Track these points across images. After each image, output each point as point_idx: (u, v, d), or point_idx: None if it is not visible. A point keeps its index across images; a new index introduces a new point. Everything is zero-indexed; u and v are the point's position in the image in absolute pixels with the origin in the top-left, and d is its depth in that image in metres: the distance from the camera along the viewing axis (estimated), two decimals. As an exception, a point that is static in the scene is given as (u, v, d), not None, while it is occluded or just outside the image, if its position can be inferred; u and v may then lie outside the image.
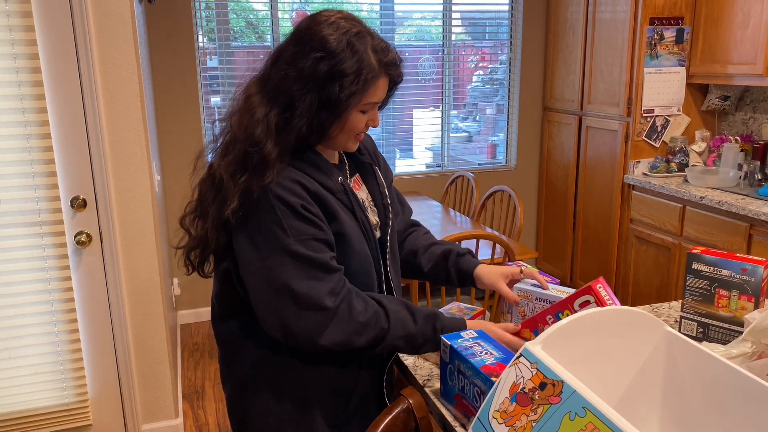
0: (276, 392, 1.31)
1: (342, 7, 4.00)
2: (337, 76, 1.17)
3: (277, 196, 1.16)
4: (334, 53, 1.17)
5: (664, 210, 3.32)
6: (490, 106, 4.50)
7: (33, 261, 2.31)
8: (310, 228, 1.18)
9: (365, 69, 1.18)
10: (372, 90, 1.21)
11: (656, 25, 3.39)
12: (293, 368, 1.29)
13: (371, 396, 1.38)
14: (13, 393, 2.38)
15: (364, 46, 1.19)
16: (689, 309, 1.50)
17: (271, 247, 1.17)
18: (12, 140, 2.20)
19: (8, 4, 2.11)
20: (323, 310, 1.17)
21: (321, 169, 1.26)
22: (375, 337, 1.21)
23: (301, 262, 1.16)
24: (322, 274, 1.18)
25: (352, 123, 1.24)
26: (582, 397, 0.80)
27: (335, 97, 1.18)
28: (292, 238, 1.16)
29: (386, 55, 1.22)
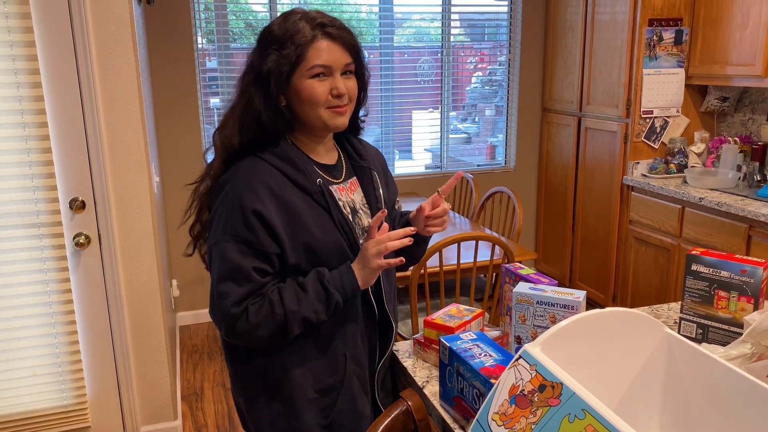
0: (266, 389, 1.33)
1: (341, 9, 4.01)
2: (271, 48, 1.23)
3: (237, 193, 1.23)
4: (267, 33, 1.26)
5: (663, 211, 3.32)
6: (489, 108, 4.50)
7: (32, 263, 2.30)
8: (249, 234, 1.21)
9: (296, 34, 1.22)
10: (311, 53, 1.23)
11: (655, 26, 3.39)
12: (281, 366, 1.32)
13: (361, 396, 1.38)
14: (12, 395, 2.38)
15: (295, 18, 1.25)
16: (688, 310, 1.50)
17: (216, 234, 1.25)
18: (11, 142, 2.20)
19: (7, 5, 2.11)
20: (229, 315, 1.22)
21: (297, 166, 1.28)
22: (279, 327, 1.23)
23: (225, 262, 1.22)
24: (240, 279, 1.22)
25: (305, 91, 1.25)
26: (581, 399, 0.79)
27: (273, 68, 1.23)
28: (228, 236, 1.22)
29: (321, 19, 1.25)
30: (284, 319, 1.22)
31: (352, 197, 1.37)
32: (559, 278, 4.29)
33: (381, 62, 4.14)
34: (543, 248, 4.52)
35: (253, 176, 1.24)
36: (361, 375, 1.38)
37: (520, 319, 1.34)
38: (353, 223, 1.35)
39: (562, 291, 1.31)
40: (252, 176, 1.24)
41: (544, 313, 1.31)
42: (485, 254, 2.68)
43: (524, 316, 1.33)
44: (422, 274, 2.44)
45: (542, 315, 1.31)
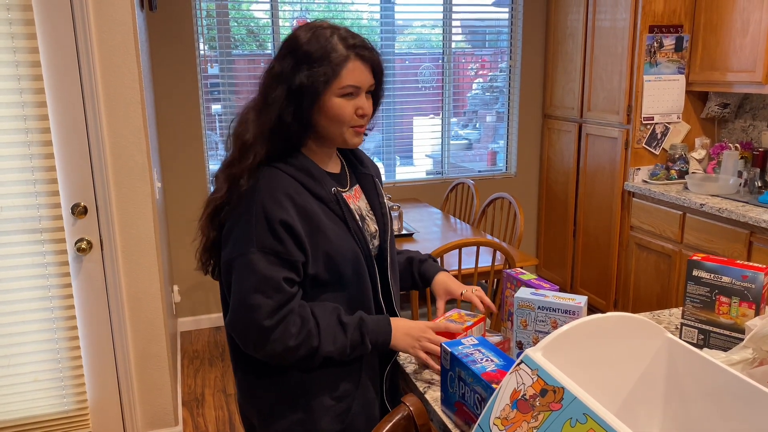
0: (283, 400, 1.33)
1: (342, 15, 4.03)
2: (304, 63, 1.24)
3: (261, 204, 1.22)
4: (299, 46, 1.25)
5: (664, 217, 3.32)
6: (490, 114, 4.51)
7: (33, 268, 2.31)
8: (277, 245, 1.22)
9: (332, 52, 1.24)
10: (344, 73, 1.25)
11: (656, 32, 3.40)
12: (299, 376, 1.32)
13: (374, 400, 1.40)
14: (13, 400, 2.38)
15: (328, 35, 1.26)
16: (690, 316, 1.50)
17: (239, 247, 1.23)
18: (13, 147, 2.21)
19: (11, 11, 2.12)
20: (262, 327, 1.22)
21: (313, 176, 1.29)
22: (306, 355, 1.26)
23: (254, 275, 1.21)
24: (270, 291, 1.22)
25: (333, 110, 1.27)
26: (583, 403, 0.80)
27: (306, 84, 1.24)
28: (255, 248, 1.21)
29: (353, 39, 1.27)
30: (316, 352, 1.25)
31: (358, 204, 1.40)
32: (561, 284, 4.28)
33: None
34: (544, 254, 4.51)
35: (274, 187, 1.24)
36: (374, 378, 1.40)
37: (522, 325, 1.34)
38: (363, 229, 1.37)
39: (563, 296, 1.32)
40: (274, 187, 1.24)
41: (546, 319, 1.31)
42: (486, 260, 2.68)
43: (526, 321, 1.34)
44: (423, 279, 2.44)
45: (544, 320, 1.32)
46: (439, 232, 3.21)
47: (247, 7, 3.87)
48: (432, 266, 1.59)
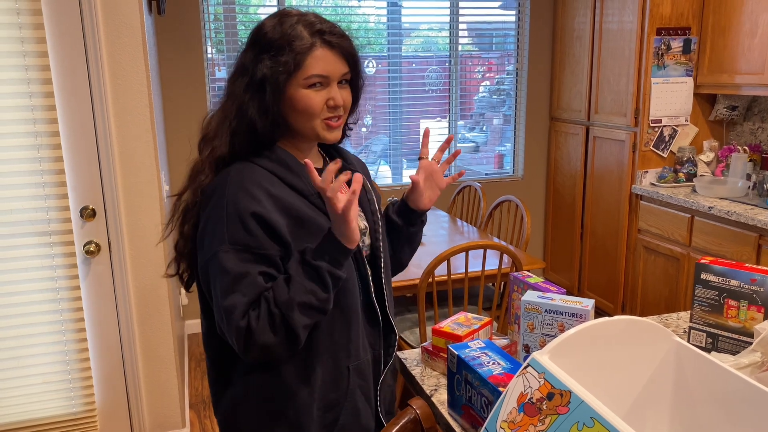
0: (268, 410, 1.27)
1: (349, 19, 4.04)
2: (265, 53, 1.17)
3: (231, 197, 1.15)
4: (262, 35, 1.19)
5: (672, 220, 3.31)
6: (497, 117, 4.50)
7: (43, 270, 2.32)
8: (249, 239, 1.14)
9: (295, 40, 1.16)
10: (309, 62, 1.16)
11: (663, 35, 3.39)
12: (283, 385, 1.25)
13: (365, 409, 1.34)
14: (22, 402, 2.39)
15: (293, 22, 1.18)
16: (698, 319, 1.49)
17: (211, 247, 1.16)
18: (23, 151, 2.22)
19: (20, 16, 2.14)
20: (239, 328, 1.13)
21: (291, 168, 1.22)
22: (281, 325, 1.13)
23: (227, 273, 1.14)
24: (245, 288, 1.13)
25: (300, 102, 1.18)
26: (590, 407, 0.79)
27: (268, 75, 1.16)
28: (226, 245, 1.14)
29: (320, 25, 1.19)
30: (281, 314, 1.12)
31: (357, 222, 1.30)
32: (568, 287, 4.27)
33: (389, 71, 4.16)
34: (551, 257, 4.50)
35: (245, 179, 1.17)
36: (364, 387, 1.33)
37: (529, 328, 1.34)
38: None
39: (570, 299, 1.31)
40: (244, 179, 1.17)
41: (553, 322, 1.31)
42: (493, 263, 2.68)
43: (532, 324, 1.33)
44: (430, 282, 2.44)
45: (551, 323, 1.31)
46: (446, 235, 3.21)
47: (255, 11, 3.88)
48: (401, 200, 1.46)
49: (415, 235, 1.47)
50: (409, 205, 1.42)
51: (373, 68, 4.17)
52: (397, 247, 1.47)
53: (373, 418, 1.36)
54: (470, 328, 1.42)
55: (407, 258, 1.53)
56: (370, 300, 1.33)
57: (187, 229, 1.25)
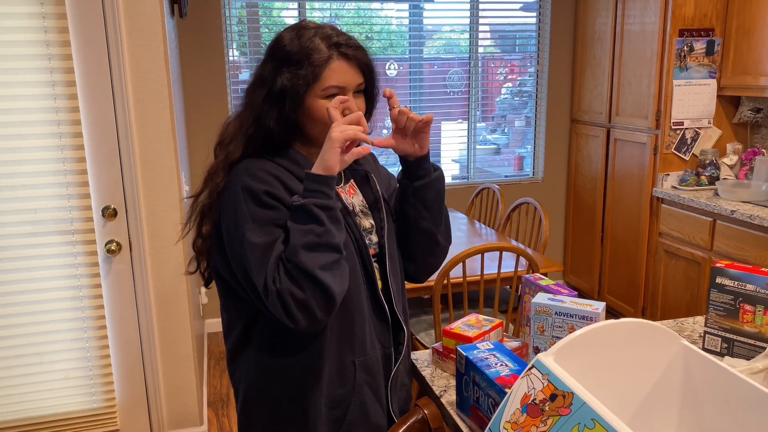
0: (277, 405, 1.30)
1: (371, 21, 4.06)
2: (284, 65, 1.21)
3: (243, 185, 1.20)
4: (281, 47, 1.23)
5: (693, 224, 3.26)
6: (519, 119, 4.49)
7: (65, 268, 2.37)
8: (269, 212, 1.18)
9: (313, 53, 1.20)
10: (326, 73, 1.21)
11: (686, 36, 3.35)
12: (290, 380, 1.28)
13: (374, 406, 1.35)
14: (45, 397, 2.44)
15: (311, 35, 1.22)
16: (713, 324, 1.48)
17: (237, 232, 1.19)
18: (47, 151, 2.28)
19: (46, 20, 2.19)
20: (273, 293, 1.14)
21: (300, 164, 1.27)
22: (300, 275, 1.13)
23: (254, 249, 1.16)
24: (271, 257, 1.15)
25: (317, 112, 1.23)
26: (591, 408, 0.79)
27: (287, 87, 1.21)
28: (248, 225, 1.17)
29: (337, 37, 1.23)
30: (293, 264, 1.13)
31: (352, 200, 1.36)
32: (588, 291, 4.23)
33: (410, 74, 4.17)
34: (572, 260, 4.47)
35: (253, 167, 1.22)
36: (372, 384, 1.34)
37: (539, 330, 1.34)
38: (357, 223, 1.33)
39: (581, 302, 1.31)
40: (253, 167, 1.22)
41: (563, 324, 1.31)
42: (510, 265, 2.67)
43: (543, 326, 1.33)
44: (446, 284, 2.44)
45: (561, 326, 1.31)
46: (464, 237, 3.21)
47: (278, 13, 3.92)
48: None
49: (424, 191, 1.37)
50: (405, 159, 1.37)
51: (395, 70, 4.18)
52: (413, 212, 1.38)
53: (384, 416, 1.37)
54: (481, 330, 1.42)
55: (430, 224, 1.39)
56: (377, 297, 1.34)
57: (206, 229, 1.29)
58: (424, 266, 1.48)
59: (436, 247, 1.43)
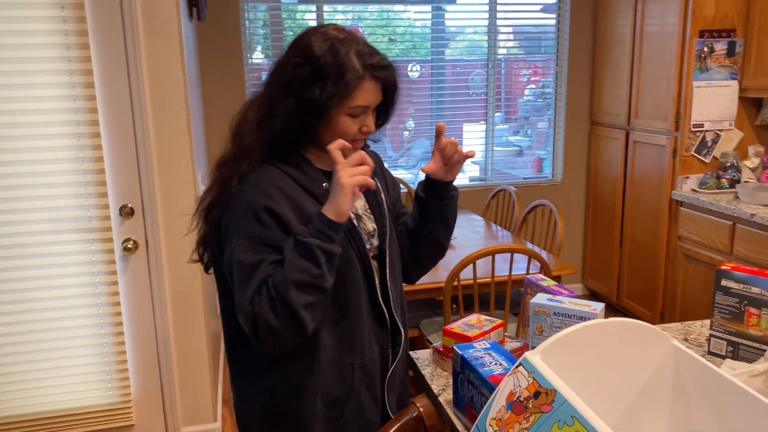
0: (273, 403, 1.32)
1: (394, 24, 4.08)
2: (317, 79, 1.21)
3: (248, 195, 1.22)
4: (314, 58, 1.22)
5: (713, 227, 3.21)
6: (542, 120, 4.46)
7: (83, 266, 2.43)
8: (263, 230, 1.20)
9: (347, 71, 1.21)
10: (357, 93, 1.23)
11: (706, 37, 3.31)
12: (288, 380, 1.29)
13: (369, 404, 1.37)
14: (63, 391, 2.50)
15: (346, 50, 1.22)
16: (718, 327, 1.46)
17: (231, 243, 1.22)
18: (66, 151, 2.34)
19: (66, 23, 2.25)
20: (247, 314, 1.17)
21: (304, 171, 1.29)
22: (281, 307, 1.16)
23: (242, 266, 1.20)
24: (256, 277, 1.19)
25: (340, 126, 1.25)
26: (572, 406, 0.80)
27: (316, 100, 1.21)
28: (242, 239, 1.20)
29: (371, 58, 1.24)
30: (280, 295, 1.15)
31: (354, 203, 1.37)
32: (607, 295, 4.19)
33: (432, 75, 4.18)
34: (590, 264, 4.43)
35: (262, 178, 1.24)
36: (369, 384, 1.36)
37: (538, 330, 1.34)
38: (359, 227, 1.35)
39: (579, 303, 1.31)
40: (261, 179, 1.24)
41: (561, 325, 1.30)
42: (521, 267, 2.66)
43: (541, 327, 1.33)
44: (455, 286, 2.45)
45: (559, 326, 1.31)
46: (478, 239, 3.20)
47: (301, 16, 3.96)
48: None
49: (446, 210, 1.45)
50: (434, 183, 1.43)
51: (417, 72, 4.19)
52: (431, 226, 1.46)
53: (378, 412, 1.39)
54: (481, 330, 1.42)
55: (445, 239, 1.49)
56: (376, 301, 1.36)
57: (212, 218, 1.30)
58: (424, 270, 1.56)
59: (440, 255, 1.54)
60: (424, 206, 1.45)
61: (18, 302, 2.39)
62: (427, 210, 1.45)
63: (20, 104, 2.27)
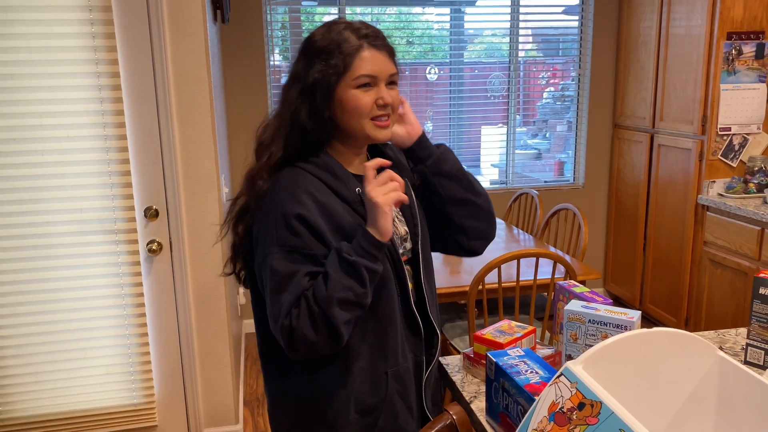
0: (305, 410, 1.31)
1: (413, 25, 4.07)
2: (315, 59, 1.22)
3: (280, 202, 1.21)
4: (313, 42, 1.24)
5: (740, 232, 3.16)
6: (561, 123, 4.43)
7: (109, 267, 2.44)
8: (296, 240, 1.19)
9: (343, 43, 1.21)
10: (357, 63, 1.22)
11: (734, 39, 3.26)
12: (321, 388, 1.28)
13: (404, 412, 1.35)
14: (88, 391, 2.52)
15: (338, 28, 1.24)
16: (756, 336, 1.43)
17: (263, 250, 1.22)
18: (93, 153, 2.35)
19: (94, 26, 2.27)
20: (282, 327, 1.17)
21: (336, 175, 1.26)
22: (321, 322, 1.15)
23: (275, 275, 1.19)
24: (292, 287, 1.17)
25: (350, 102, 1.23)
26: (619, 418, 0.78)
27: (319, 79, 1.22)
28: (276, 247, 1.19)
29: (366, 30, 1.24)
30: (321, 311, 1.14)
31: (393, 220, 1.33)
32: (629, 300, 4.14)
33: (450, 78, 4.16)
34: (613, 268, 4.38)
35: (293, 185, 1.22)
36: (403, 392, 1.34)
37: (572, 338, 1.32)
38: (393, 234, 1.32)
39: (615, 310, 1.28)
40: (293, 185, 1.22)
41: (596, 333, 1.28)
42: (547, 272, 2.63)
43: (576, 334, 1.31)
44: (480, 290, 2.43)
45: (594, 334, 1.29)
46: (501, 243, 3.18)
47: (320, 18, 3.97)
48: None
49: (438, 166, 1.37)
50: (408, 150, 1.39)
51: (435, 75, 4.18)
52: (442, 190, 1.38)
53: (413, 420, 1.38)
54: (512, 336, 1.40)
55: (464, 194, 1.39)
56: (410, 307, 1.34)
57: (242, 230, 1.30)
58: (475, 233, 1.43)
59: (479, 210, 1.41)
60: (422, 178, 1.39)
61: (44, 302, 2.41)
62: (426, 179, 1.38)
63: (48, 106, 2.29)
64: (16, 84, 2.25)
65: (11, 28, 2.22)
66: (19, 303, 2.39)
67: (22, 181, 2.32)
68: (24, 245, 2.36)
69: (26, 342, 2.42)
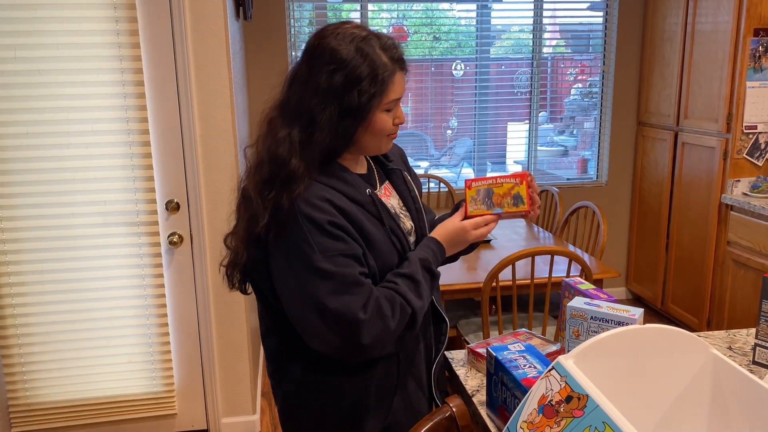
0: (322, 405, 1.33)
1: (440, 22, 4.07)
2: (354, 83, 1.20)
3: (304, 215, 1.18)
4: (345, 62, 1.20)
5: (764, 233, 3.11)
6: (588, 120, 4.39)
7: (131, 258, 2.51)
8: (338, 243, 1.20)
9: (380, 69, 1.21)
10: (391, 87, 1.23)
11: (761, 36, 3.19)
12: (337, 380, 1.31)
13: (416, 393, 1.39)
14: (110, 379, 2.59)
15: (372, 48, 1.22)
16: (764, 336, 1.42)
17: (301, 266, 1.19)
18: (117, 146, 2.42)
19: (119, 23, 2.33)
20: (358, 322, 1.18)
21: (348, 183, 1.27)
22: (407, 322, 1.27)
23: (330, 280, 1.18)
24: (353, 288, 1.19)
25: (378, 124, 1.25)
26: (603, 411, 0.79)
27: (356, 104, 1.20)
28: (319, 255, 1.18)
29: (396, 51, 1.25)
30: (413, 314, 1.27)
31: (390, 202, 1.38)
32: (651, 300, 4.10)
33: (477, 74, 4.16)
34: (635, 268, 4.33)
35: (311, 195, 1.20)
36: (415, 374, 1.38)
37: (574, 334, 1.32)
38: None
39: (617, 307, 1.29)
40: (311, 195, 1.20)
41: (598, 329, 1.29)
42: (561, 270, 2.63)
43: (578, 331, 1.32)
44: (494, 287, 2.43)
45: (596, 331, 1.29)
46: (519, 240, 3.18)
47: (347, 15, 3.99)
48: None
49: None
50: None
51: (461, 70, 4.18)
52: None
53: (426, 401, 1.42)
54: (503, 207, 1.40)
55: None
56: None
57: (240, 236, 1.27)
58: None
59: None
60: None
61: (69, 292, 2.49)
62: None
63: (73, 101, 2.36)
64: (44, 80, 2.33)
65: (39, 25, 2.29)
66: (45, 292, 2.47)
67: (49, 173, 2.39)
68: (50, 236, 2.43)
69: (52, 330, 2.51)
